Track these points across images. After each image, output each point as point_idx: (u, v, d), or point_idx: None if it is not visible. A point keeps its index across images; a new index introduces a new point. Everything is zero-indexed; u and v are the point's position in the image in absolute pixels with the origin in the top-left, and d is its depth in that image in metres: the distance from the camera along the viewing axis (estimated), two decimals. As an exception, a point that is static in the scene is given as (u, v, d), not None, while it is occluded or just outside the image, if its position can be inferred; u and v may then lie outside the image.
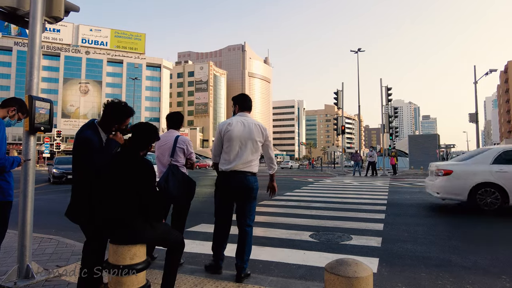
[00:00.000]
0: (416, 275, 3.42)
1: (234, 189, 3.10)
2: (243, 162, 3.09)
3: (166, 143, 3.58)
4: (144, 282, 2.29)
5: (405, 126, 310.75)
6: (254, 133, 3.13)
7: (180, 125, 3.80)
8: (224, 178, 3.14)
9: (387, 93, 23.61)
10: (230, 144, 3.10)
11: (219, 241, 3.21)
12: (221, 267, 3.20)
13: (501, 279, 3.30)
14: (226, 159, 3.12)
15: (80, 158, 2.55)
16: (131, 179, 2.30)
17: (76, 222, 2.58)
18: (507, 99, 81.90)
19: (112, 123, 2.60)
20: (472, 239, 4.82)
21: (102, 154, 2.53)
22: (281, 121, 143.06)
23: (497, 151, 7.19)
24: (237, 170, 3.08)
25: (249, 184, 3.11)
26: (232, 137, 3.08)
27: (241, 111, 3.29)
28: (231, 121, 3.17)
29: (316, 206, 7.92)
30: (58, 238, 4.61)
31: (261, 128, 3.20)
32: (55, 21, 3.46)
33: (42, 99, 3.15)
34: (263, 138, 3.21)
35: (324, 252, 4.18)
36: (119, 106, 2.58)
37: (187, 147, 3.57)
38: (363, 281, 1.75)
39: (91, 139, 2.52)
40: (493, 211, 6.77)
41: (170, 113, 3.83)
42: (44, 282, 3.02)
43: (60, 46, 73.30)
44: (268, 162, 3.32)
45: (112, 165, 2.37)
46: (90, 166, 2.45)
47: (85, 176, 2.50)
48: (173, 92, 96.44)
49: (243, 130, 3.11)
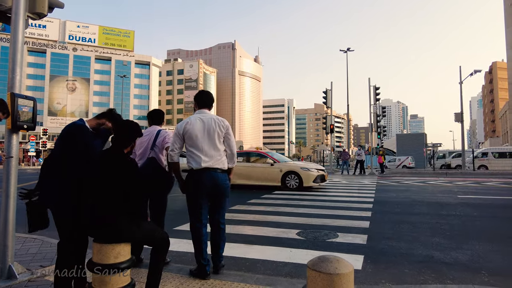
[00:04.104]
0: (400, 272, 3.50)
1: (205, 187, 3.06)
2: (211, 159, 3.08)
3: (147, 136, 3.60)
4: (128, 281, 2.28)
5: (393, 125, 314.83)
6: (213, 128, 3.12)
7: (162, 120, 3.84)
8: (194, 176, 3.09)
9: (375, 93, 23.89)
10: (192, 143, 3.09)
11: (198, 245, 3.11)
12: (208, 273, 3.09)
13: (481, 274, 3.40)
14: (194, 157, 3.10)
15: (74, 144, 2.49)
16: (116, 178, 2.30)
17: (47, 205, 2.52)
18: (492, 99, 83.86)
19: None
20: (455, 236, 4.94)
21: (96, 141, 2.56)
22: (271, 120, 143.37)
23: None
24: (207, 167, 3.06)
25: (221, 181, 3.11)
26: (193, 134, 3.08)
27: (200, 108, 3.27)
28: (189, 120, 3.15)
29: (304, 204, 7.98)
30: (42, 238, 4.54)
31: (220, 122, 3.19)
32: (38, 17, 3.42)
33: (25, 97, 3.11)
34: (224, 130, 3.19)
35: (311, 250, 4.22)
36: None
37: (165, 139, 3.57)
38: (344, 278, 1.79)
39: (85, 126, 2.54)
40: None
41: (150, 111, 3.87)
42: (27, 282, 2.98)
43: (46, 43, 71.80)
44: (229, 155, 3.30)
45: (97, 164, 2.37)
46: (90, 150, 2.45)
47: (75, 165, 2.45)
48: (162, 90, 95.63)
49: (202, 127, 3.11)
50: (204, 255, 3.09)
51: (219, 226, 3.20)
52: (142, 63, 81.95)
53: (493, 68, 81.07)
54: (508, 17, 60.57)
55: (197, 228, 3.15)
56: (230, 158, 3.30)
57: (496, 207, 7.65)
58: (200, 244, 3.11)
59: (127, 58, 79.08)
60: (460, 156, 24.59)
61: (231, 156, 3.30)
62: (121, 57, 78.47)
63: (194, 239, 3.16)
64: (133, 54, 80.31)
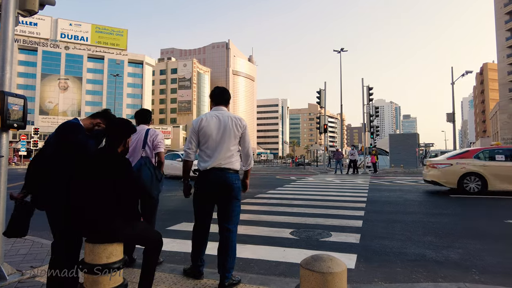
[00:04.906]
0: (392, 270, 3.52)
1: (213, 188, 2.88)
2: (222, 158, 2.89)
3: (136, 136, 3.59)
4: (121, 281, 2.26)
5: (386, 125, 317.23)
6: (230, 126, 2.94)
7: (149, 120, 3.84)
8: (203, 177, 2.92)
9: (369, 93, 24.05)
10: (206, 141, 2.92)
11: (197, 246, 3.04)
12: (202, 273, 3.07)
13: (471, 272, 3.45)
14: (204, 157, 2.93)
15: (68, 144, 2.45)
16: (110, 177, 2.27)
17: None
18: (482, 100, 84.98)
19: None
20: (446, 235, 4.99)
21: (92, 139, 2.53)
22: (265, 120, 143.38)
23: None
24: (217, 167, 2.88)
25: (230, 181, 2.88)
26: (208, 133, 2.90)
27: (216, 105, 3.08)
28: (205, 117, 2.98)
29: (298, 204, 8.00)
30: (33, 238, 4.48)
31: (238, 121, 3.00)
32: (29, 14, 3.37)
33: (15, 95, 3.06)
34: (241, 129, 2.99)
35: (304, 249, 4.23)
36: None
37: (156, 140, 3.57)
38: (337, 276, 1.79)
39: (81, 125, 2.50)
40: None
41: (137, 110, 3.85)
42: (16, 283, 2.94)
43: (38, 41, 70.76)
44: (244, 156, 3.10)
45: (90, 164, 2.34)
46: (84, 149, 2.41)
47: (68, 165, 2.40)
48: (156, 89, 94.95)
49: (218, 125, 2.93)
50: (200, 256, 3.06)
51: (227, 234, 2.92)
52: (135, 62, 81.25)
53: (484, 69, 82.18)
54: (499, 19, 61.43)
55: (197, 231, 3.05)
56: (245, 160, 3.09)
57: (487, 206, 7.75)
58: (198, 247, 3.04)
59: (120, 57, 78.33)
60: (452, 156, 24.84)
61: (246, 158, 3.08)
62: (114, 56, 77.72)
63: (192, 240, 3.08)
64: (126, 53, 79.58)
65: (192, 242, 3.08)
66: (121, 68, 76.23)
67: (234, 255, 2.92)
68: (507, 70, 58.88)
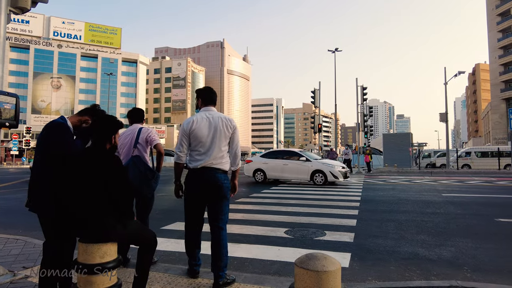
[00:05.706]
0: (386, 269, 3.55)
1: (203, 188, 2.92)
2: (213, 158, 2.93)
3: (129, 135, 3.56)
4: (115, 281, 2.25)
5: (380, 125, 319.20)
6: (220, 127, 2.97)
7: (142, 118, 3.80)
8: (193, 176, 2.96)
9: (363, 93, 24.18)
10: (197, 142, 2.95)
11: (191, 246, 3.05)
12: (197, 272, 3.08)
13: (463, 270, 3.49)
14: (195, 156, 2.97)
15: (55, 142, 2.40)
16: (100, 175, 2.25)
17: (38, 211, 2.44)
18: (475, 100, 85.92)
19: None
20: (439, 233, 5.05)
21: (78, 139, 2.48)
22: (260, 119, 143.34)
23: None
24: (207, 166, 2.92)
25: (219, 181, 2.93)
26: (199, 135, 2.93)
27: (205, 105, 3.11)
28: (195, 118, 2.99)
29: (292, 203, 8.03)
30: (25, 239, 4.44)
31: (228, 122, 3.03)
32: (21, 11, 3.32)
33: (7, 94, 3.02)
34: (231, 130, 3.03)
35: (298, 248, 4.25)
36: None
37: (150, 135, 3.54)
38: (331, 275, 1.80)
39: (65, 124, 2.45)
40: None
41: (130, 109, 3.81)
42: (8, 284, 2.90)
43: (30, 39, 69.90)
44: (232, 156, 3.11)
45: (80, 162, 2.31)
46: (66, 149, 2.36)
47: (55, 164, 2.36)
48: (150, 88, 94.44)
49: (209, 126, 2.96)
50: (195, 255, 3.07)
51: (218, 233, 2.96)
52: (129, 60, 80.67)
53: (476, 70, 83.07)
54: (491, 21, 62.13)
55: (189, 232, 3.06)
56: (233, 160, 3.12)
57: (478, 205, 7.84)
58: (191, 246, 3.06)
59: (114, 56, 77.72)
60: (445, 155, 25.12)
61: (234, 158, 3.11)
62: (107, 55, 77.08)
63: (185, 242, 3.09)
64: (120, 51, 78.98)
65: (185, 242, 3.09)
66: (115, 67, 75.67)
67: (226, 253, 2.95)
68: (498, 71, 59.58)
